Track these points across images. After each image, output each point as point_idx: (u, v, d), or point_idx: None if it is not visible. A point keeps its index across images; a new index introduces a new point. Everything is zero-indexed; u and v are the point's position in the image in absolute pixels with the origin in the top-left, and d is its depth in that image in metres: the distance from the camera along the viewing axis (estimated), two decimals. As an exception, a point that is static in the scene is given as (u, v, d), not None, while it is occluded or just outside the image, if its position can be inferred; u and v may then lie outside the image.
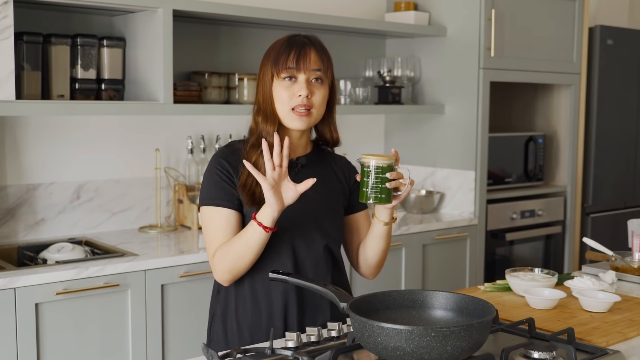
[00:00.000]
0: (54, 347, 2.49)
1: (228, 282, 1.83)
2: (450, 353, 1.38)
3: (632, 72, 4.59)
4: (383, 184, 1.73)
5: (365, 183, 1.74)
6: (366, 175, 1.74)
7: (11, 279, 2.38)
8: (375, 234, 1.90)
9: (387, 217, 1.86)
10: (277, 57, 1.82)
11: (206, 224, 1.84)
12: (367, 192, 1.74)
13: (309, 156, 1.92)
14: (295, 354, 1.50)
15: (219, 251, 1.80)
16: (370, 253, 1.94)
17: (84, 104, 2.76)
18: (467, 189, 3.77)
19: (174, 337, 2.75)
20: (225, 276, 1.81)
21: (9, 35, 2.52)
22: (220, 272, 1.80)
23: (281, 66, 1.81)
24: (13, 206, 2.95)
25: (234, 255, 1.77)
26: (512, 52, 3.83)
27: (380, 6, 4.04)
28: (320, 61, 1.83)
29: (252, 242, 1.75)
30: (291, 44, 1.83)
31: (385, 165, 1.73)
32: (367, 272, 2.00)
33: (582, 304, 1.97)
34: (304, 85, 1.80)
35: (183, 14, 3.03)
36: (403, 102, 3.90)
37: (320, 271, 1.87)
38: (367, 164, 1.74)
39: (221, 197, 1.82)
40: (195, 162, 3.32)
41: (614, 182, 4.58)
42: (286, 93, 1.81)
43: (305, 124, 1.83)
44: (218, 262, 1.80)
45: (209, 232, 1.83)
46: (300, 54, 1.81)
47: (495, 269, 3.90)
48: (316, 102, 1.83)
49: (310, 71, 1.81)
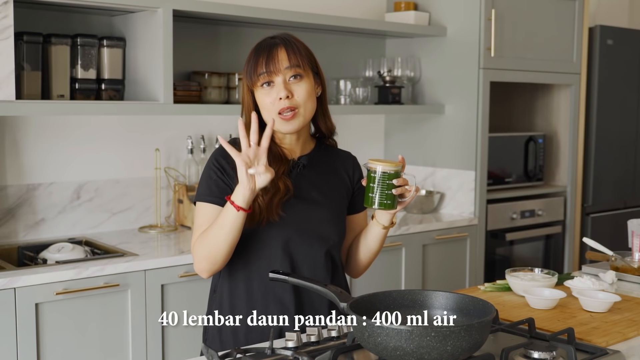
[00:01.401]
0: (54, 347, 2.49)
1: (207, 273, 1.79)
2: (450, 353, 1.38)
3: (632, 72, 4.59)
4: (389, 190, 1.74)
5: (372, 188, 1.75)
6: (372, 180, 1.75)
7: (11, 279, 2.38)
8: (372, 236, 1.90)
9: (387, 221, 1.86)
10: (249, 68, 1.79)
11: (196, 220, 1.83)
12: (373, 198, 1.75)
13: (311, 155, 1.90)
14: (295, 354, 1.50)
15: (197, 240, 1.78)
16: (362, 254, 1.94)
17: (84, 104, 2.76)
18: (467, 189, 3.77)
19: (174, 337, 2.75)
20: (203, 264, 1.77)
21: (9, 35, 2.52)
22: (198, 260, 1.77)
23: (254, 76, 1.78)
24: (13, 206, 2.95)
25: (209, 239, 1.74)
26: (512, 52, 3.83)
27: (380, 6, 4.04)
28: (293, 56, 1.78)
29: (226, 223, 1.70)
30: (259, 50, 1.80)
31: (392, 172, 1.74)
32: (353, 271, 2.00)
33: (582, 304, 1.97)
34: (282, 87, 1.76)
35: (183, 14, 3.03)
36: (403, 102, 3.90)
37: (319, 276, 1.85)
38: (374, 170, 1.74)
39: (214, 193, 1.80)
40: (195, 162, 3.32)
41: (614, 182, 4.58)
42: (268, 99, 1.78)
43: (295, 126, 1.80)
44: (195, 251, 1.78)
45: (196, 225, 1.82)
46: (269, 57, 1.77)
47: (495, 269, 3.90)
48: (300, 99, 1.78)
49: (283, 70, 1.77)
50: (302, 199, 1.83)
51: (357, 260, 1.97)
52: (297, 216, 1.82)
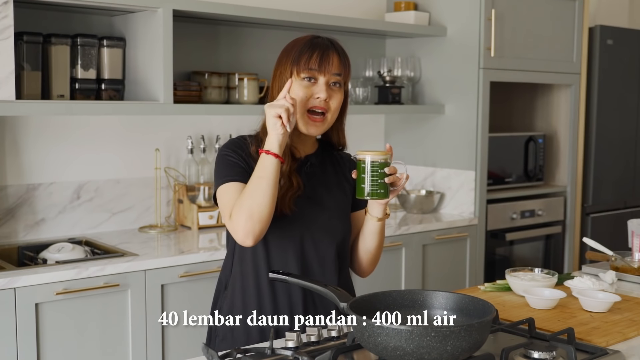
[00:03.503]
0: (54, 347, 2.49)
1: (252, 236, 1.70)
2: (450, 353, 1.38)
3: (632, 72, 4.59)
4: (381, 179, 1.74)
5: (362, 179, 1.75)
6: (362, 171, 1.75)
7: (11, 279, 2.38)
8: (369, 231, 1.90)
9: (380, 212, 1.85)
10: (299, 56, 1.80)
11: (222, 199, 1.78)
12: (365, 188, 1.75)
13: (317, 154, 1.92)
14: (295, 354, 1.50)
15: (235, 205, 1.72)
16: (363, 251, 1.94)
17: (84, 104, 2.76)
18: (467, 189, 3.77)
19: (174, 337, 2.75)
20: (249, 225, 1.69)
21: (9, 35, 2.52)
22: (243, 221, 1.69)
23: (302, 66, 1.79)
24: (13, 206, 2.95)
25: (251, 195, 1.69)
26: (512, 52, 3.83)
27: (380, 6, 4.04)
28: (342, 66, 1.82)
29: (266, 173, 1.69)
30: (314, 45, 1.81)
31: (381, 161, 1.74)
32: (360, 270, 2.00)
33: (582, 304, 1.97)
34: (324, 88, 1.79)
35: (183, 14, 3.03)
36: (403, 102, 3.90)
37: (328, 272, 1.87)
38: (363, 160, 1.75)
39: (236, 173, 1.79)
40: (195, 162, 3.32)
41: (614, 182, 4.58)
42: (304, 93, 1.79)
43: (320, 130, 1.83)
44: (236, 216, 1.70)
45: (223, 203, 1.77)
46: (324, 56, 1.79)
47: (495, 269, 3.90)
48: (332, 106, 1.82)
49: (331, 74, 1.80)
50: (310, 196, 1.84)
51: (360, 257, 1.97)
52: (306, 213, 1.83)
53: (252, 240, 1.71)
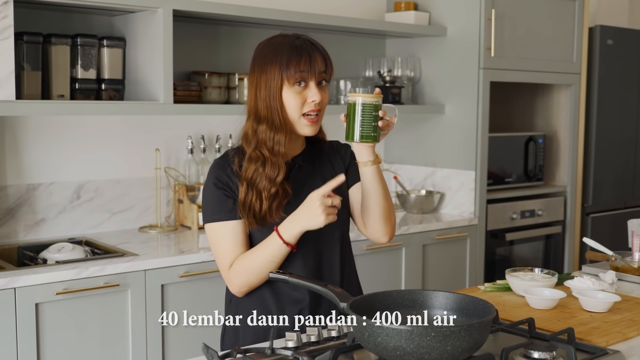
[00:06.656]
0: (54, 347, 2.49)
1: (244, 294, 1.85)
2: (450, 353, 1.38)
3: (632, 72, 4.59)
4: (375, 122, 1.71)
5: (353, 121, 1.72)
6: (353, 113, 1.71)
7: (11, 279, 2.38)
8: (368, 180, 1.83)
9: (371, 155, 1.81)
10: (286, 63, 1.78)
11: (214, 241, 1.83)
12: (355, 131, 1.72)
13: (304, 154, 1.90)
14: (295, 354, 1.50)
15: (237, 267, 1.79)
16: (373, 207, 1.86)
17: (84, 104, 2.76)
18: (467, 189, 3.77)
19: (174, 337, 2.75)
20: (244, 289, 1.82)
21: (9, 35, 2.52)
22: (239, 286, 1.81)
23: (292, 72, 1.77)
24: (13, 206, 2.95)
25: (255, 270, 1.78)
26: (512, 52, 3.83)
27: (380, 6, 4.04)
28: (326, 64, 1.82)
29: (277, 259, 1.77)
30: (299, 48, 1.79)
31: (374, 103, 1.71)
32: (379, 232, 1.90)
33: (582, 304, 1.97)
34: (316, 91, 1.78)
35: (183, 14, 3.03)
36: (403, 102, 3.90)
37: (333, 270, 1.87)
38: (353, 102, 1.71)
39: (223, 210, 1.80)
40: (195, 162, 3.32)
41: (614, 182, 4.58)
42: (298, 99, 1.78)
43: (316, 129, 1.83)
44: (236, 278, 1.80)
45: (218, 248, 1.82)
46: (311, 58, 1.78)
47: (495, 269, 3.90)
48: (323, 104, 1.82)
49: (319, 74, 1.80)
50: (302, 198, 1.83)
51: (373, 217, 1.87)
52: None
53: (242, 295, 1.86)
